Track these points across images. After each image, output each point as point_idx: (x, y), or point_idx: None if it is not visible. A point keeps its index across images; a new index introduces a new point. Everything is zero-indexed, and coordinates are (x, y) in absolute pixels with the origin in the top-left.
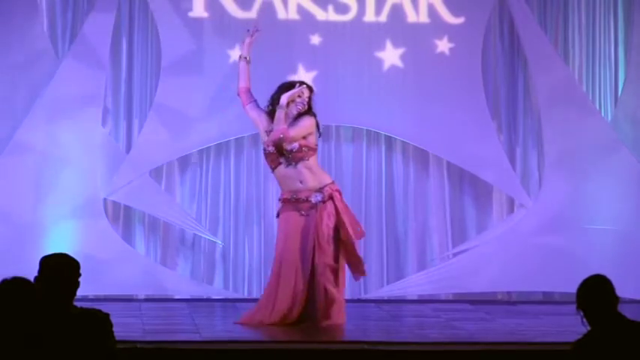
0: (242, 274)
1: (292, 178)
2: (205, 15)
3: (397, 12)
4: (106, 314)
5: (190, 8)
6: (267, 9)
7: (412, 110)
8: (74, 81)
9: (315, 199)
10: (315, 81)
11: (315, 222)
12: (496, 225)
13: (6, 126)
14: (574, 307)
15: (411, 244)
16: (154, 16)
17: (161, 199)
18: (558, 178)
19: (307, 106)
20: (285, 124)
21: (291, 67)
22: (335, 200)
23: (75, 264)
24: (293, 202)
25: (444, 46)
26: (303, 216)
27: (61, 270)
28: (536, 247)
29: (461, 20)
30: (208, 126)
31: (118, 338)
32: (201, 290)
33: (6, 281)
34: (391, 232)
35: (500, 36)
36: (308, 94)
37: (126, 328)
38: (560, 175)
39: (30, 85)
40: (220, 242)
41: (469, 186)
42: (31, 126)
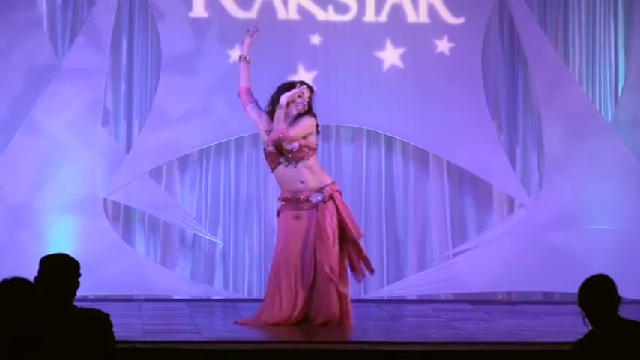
0: (242, 274)
1: (292, 178)
2: (205, 15)
3: (397, 12)
4: (106, 314)
5: (190, 8)
6: (267, 9)
7: (412, 110)
8: (74, 81)
9: (315, 199)
10: (315, 81)
11: (316, 221)
12: (496, 225)
13: (6, 125)
14: (574, 307)
15: (411, 244)
16: (154, 16)
17: (161, 199)
18: (558, 178)
19: (308, 106)
20: (285, 124)
21: (291, 67)
22: (336, 200)
23: (75, 264)
24: (293, 201)
25: (444, 46)
26: (303, 216)
27: (61, 270)
28: (536, 247)
29: (461, 20)
30: (208, 126)
31: (118, 338)
32: (201, 290)
33: (6, 281)
34: (391, 232)
35: (500, 36)
36: (308, 94)
37: (126, 328)
38: (560, 175)
39: (30, 85)
40: (220, 242)
41: (469, 186)
42: (31, 126)
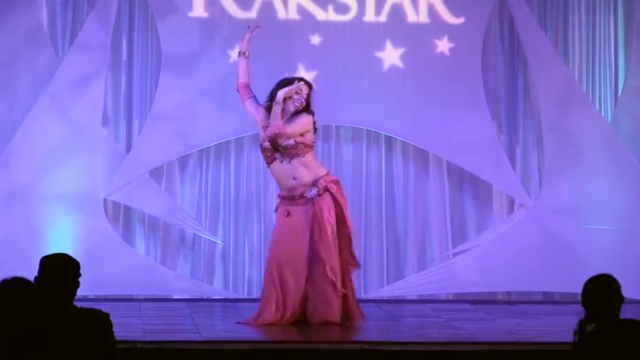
0: (242, 274)
1: (286, 174)
2: (205, 15)
3: (397, 12)
4: (106, 314)
5: (190, 8)
6: (267, 9)
7: (412, 110)
8: (74, 81)
9: (310, 194)
10: (315, 81)
11: (313, 216)
12: (496, 225)
13: (5, 126)
14: (574, 307)
15: (411, 244)
16: (153, 15)
17: (161, 199)
18: (558, 178)
19: (306, 103)
20: (282, 121)
21: (291, 67)
22: (332, 192)
23: (75, 264)
24: (289, 198)
25: (444, 46)
26: (295, 212)
27: (61, 270)
28: (536, 247)
29: (461, 20)
30: (208, 126)
31: (118, 338)
32: (201, 290)
33: (6, 281)
34: (391, 232)
35: (500, 36)
36: (307, 90)
37: (126, 328)
38: (560, 175)
39: (30, 84)
40: (220, 242)
41: (469, 186)
42: (31, 126)
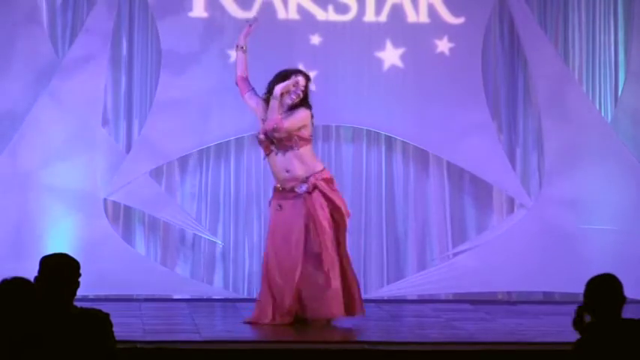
0: (242, 274)
1: (280, 167)
2: (205, 15)
3: (397, 12)
4: (106, 314)
5: (190, 8)
6: (267, 9)
7: (412, 110)
8: (74, 81)
9: (300, 189)
10: (315, 81)
11: (307, 214)
12: (496, 225)
13: (6, 126)
14: (574, 307)
15: (411, 244)
16: (153, 16)
17: (161, 199)
18: (558, 178)
19: (303, 95)
20: (280, 115)
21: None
22: (321, 189)
23: (75, 264)
24: (281, 191)
25: (444, 46)
26: (286, 206)
27: (61, 270)
28: (536, 247)
29: (461, 20)
30: (208, 126)
31: (118, 338)
32: (201, 290)
33: (6, 281)
34: (391, 232)
35: (500, 36)
36: (304, 82)
37: (126, 328)
38: (560, 175)
39: (30, 85)
40: (220, 242)
41: (469, 186)
42: (31, 126)
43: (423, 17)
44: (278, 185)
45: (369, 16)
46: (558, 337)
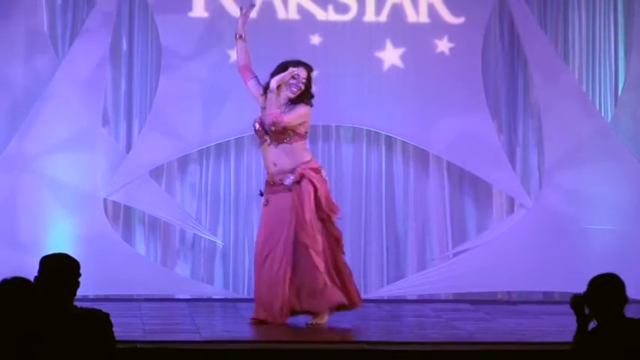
0: (242, 274)
1: (270, 159)
2: (205, 15)
3: (397, 12)
4: (106, 314)
5: (190, 8)
6: (267, 9)
7: (412, 110)
8: (74, 81)
9: (287, 181)
10: (315, 81)
11: (292, 205)
12: (496, 225)
13: (6, 126)
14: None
15: (411, 244)
16: (154, 16)
17: (161, 199)
18: (558, 178)
19: (305, 87)
20: (278, 108)
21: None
22: (309, 178)
23: (75, 264)
24: (271, 184)
25: (444, 46)
26: (272, 200)
27: (61, 270)
28: (536, 247)
29: (461, 20)
30: (208, 126)
31: (118, 338)
32: (201, 290)
33: (6, 281)
34: (391, 232)
35: (500, 36)
36: (305, 74)
37: (126, 328)
38: (560, 175)
39: (30, 85)
40: (220, 242)
41: (469, 186)
42: (31, 126)
43: (423, 17)
44: (268, 178)
45: (369, 16)
46: (558, 337)
